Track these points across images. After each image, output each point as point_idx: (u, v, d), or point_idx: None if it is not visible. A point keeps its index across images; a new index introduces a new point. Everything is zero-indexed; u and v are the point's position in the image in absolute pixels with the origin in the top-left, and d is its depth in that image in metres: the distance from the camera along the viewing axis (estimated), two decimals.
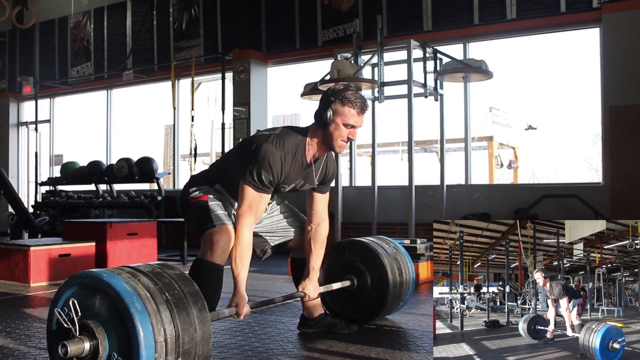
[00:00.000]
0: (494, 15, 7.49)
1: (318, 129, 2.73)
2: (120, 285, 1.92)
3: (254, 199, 2.65)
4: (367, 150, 11.10)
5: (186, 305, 2.00)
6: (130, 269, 2.08)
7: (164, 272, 2.11)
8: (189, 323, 1.98)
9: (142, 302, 1.90)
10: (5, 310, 3.86)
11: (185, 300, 2.02)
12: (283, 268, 5.90)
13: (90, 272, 2.02)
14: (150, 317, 1.89)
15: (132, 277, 2.00)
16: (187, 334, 1.96)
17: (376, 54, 6.81)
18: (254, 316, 3.57)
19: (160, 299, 1.96)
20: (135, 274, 2.03)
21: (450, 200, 7.35)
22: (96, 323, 1.93)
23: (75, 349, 1.90)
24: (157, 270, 2.11)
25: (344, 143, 2.72)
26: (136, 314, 1.86)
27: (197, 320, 2.01)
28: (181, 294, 2.03)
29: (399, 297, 3.36)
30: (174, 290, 2.03)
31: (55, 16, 11.91)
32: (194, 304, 2.03)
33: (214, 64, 9.54)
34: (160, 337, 1.89)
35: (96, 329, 1.92)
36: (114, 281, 1.93)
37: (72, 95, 12.19)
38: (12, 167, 12.32)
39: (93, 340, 1.92)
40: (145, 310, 1.89)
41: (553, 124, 13.06)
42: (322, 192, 2.96)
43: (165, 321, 1.92)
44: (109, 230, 5.73)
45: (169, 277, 2.08)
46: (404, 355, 2.70)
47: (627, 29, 6.62)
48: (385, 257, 3.29)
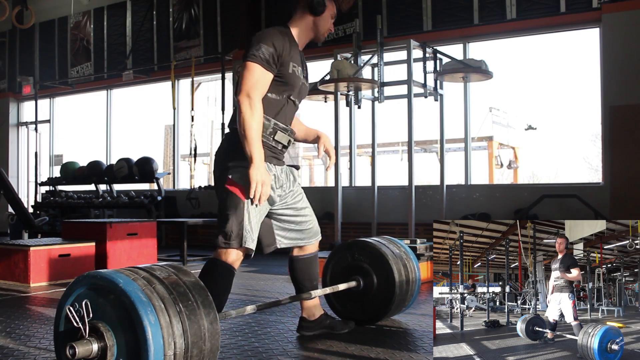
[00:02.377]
0: (494, 15, 7.50)
1: (305, 18, 2.84)
2: (136, 294, 1.89)
3: (260, 75, 2.59)
4: (367, 150, 11.10)
5: (198, 318, 1.99)
6: (147, 274, 2.03)
7: (179, 279, 2.07)
8: (199, 336, 1.97)
9: (156, 314, 1.88)
10: (5, 310, 3.86)
11: (198, 312, 2.00)
12: (283, 268, 5.90)
13: (105, 275, 1.98)
14: (162, 331, 1.87)
15: (148, 285, 1.96)
16: (196, 347, 1.95)
17: (376, 54, 6.81)
18: (253, 316, 3.57)
19: (174, 310, 1.93)
20: (152, 280, 1.99)
21: (450, 200, 7.34)
22: (106, 326, 1.92)
23: (84, 350, 1.88)
24: (173, 277, 2.07)
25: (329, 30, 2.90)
26: (149, 327, 1.84)
27: (208, 333, 2.00)
28: (194, 305, 2.00)
29: (405, 299, 3.35)
30: (188, 300, 2.00)
31: (55, 16, 11.91)
32: (206, 316, 2.01)
33: (214, 64, 9.55)
34: (169, 351, 1.87)
35: (106, 333, 1.91)
36: (130, 289, 1.90)
37: (72, 95, 12.19)
38: (12, 167, 12.32)
39: (101, 342, 1.90)
40: (158, 323, 1.87)
41: (553, 124, 13.09)
42: None
43: (176, 335, 1.90)
44: (109, 230, 5.72)
45: (184, 285, 2.05)
46: (404, 355, 2.70)
47: (627, 29, 6.62)
48: (392, 258, 3.27)
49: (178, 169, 10.58)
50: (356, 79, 6.45)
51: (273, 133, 2.72)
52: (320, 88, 6.70)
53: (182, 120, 10.37)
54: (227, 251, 2.61)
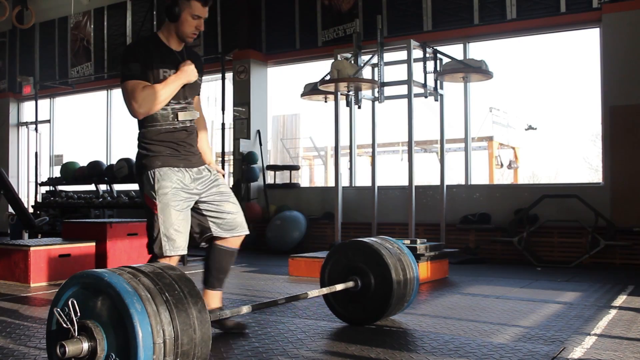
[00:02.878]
0: (494, 15, 7.50)
1: (170, 24, 2.96)
2: (122, 285, 1.92)
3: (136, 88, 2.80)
4: (367, 150, 11.10)
5: (186, 306, 2.00)
6: (132, 269, 2.08)
7: (164, 272, 2.10)
8: (189, 324, 1.98)
9: (143, 303, 1.90)
10: (5, 310, 3.86)
11: (185, 301, 2.02)
12: (283, 268, 5.90)
13: (91, 272, 2.02)
14: (150, 318, 1.88)
15: (133, 278, 2.00)
16: (186, 335, 1.96)
17: (376, 54, 6.80)
18: (253, 316, 3.57)
19: (160, 299, 1.96)
20: (136, 274, 2.03)
21: (450, 201, 7.34)
22: (95, 323, 1.93)
23: (74, 349, 1.90)
24: (158, 270, 2.10)
25: (194, 34, 2.97)
26: (136, 315, 1.86)
27: (197, 321, 2.01)
28: (181, 294, 2.03)
29: (404, 298, 3.35)
30: (174, 290, 2.03)
31: (55, 16, 11.91)
32: (193, 305, 2.03)
33: (214, 64, 9.52)
34: (159, 339, 1.89)
35: (95, 329, 1.92)
36: (115, 281, 1.93)
37: (72, 96, 12.19)
38: (12, 167, 12.32)
39: (91, 340, 1.92)
40: (145, 311, 1.88)
41: (553, 124, 13.07)
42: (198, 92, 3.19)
43: (164, 322, 1.92)
44: (109, 230, 5.73)
45: (169, 277, 2.08)
46: (404, 355, 2.70)
47: (627, 29, 6.62)
48: (389, 257, 3.28)
49: None
50: (356, 79, 6.45)
51: (175, 117, 2.94)
52: (320, 88, 6.70)
53: None
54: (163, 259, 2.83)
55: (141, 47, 2.92)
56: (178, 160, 2.92)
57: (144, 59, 2.84)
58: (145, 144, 2.92)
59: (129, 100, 2.81)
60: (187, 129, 3.01)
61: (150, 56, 2.87)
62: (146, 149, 2.91)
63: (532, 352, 2.73)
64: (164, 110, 2.90)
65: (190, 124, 3.04)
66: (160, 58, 2.90)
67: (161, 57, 2.91)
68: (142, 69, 2.82)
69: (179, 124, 2.96)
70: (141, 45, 2.94)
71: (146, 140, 2.92)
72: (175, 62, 2.94)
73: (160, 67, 2.88)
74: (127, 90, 2.82)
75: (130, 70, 2.81)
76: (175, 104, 2.95)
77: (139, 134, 2.97)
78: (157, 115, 2.90)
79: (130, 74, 2.81)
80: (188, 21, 2.92)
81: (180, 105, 2.98)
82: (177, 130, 2.96)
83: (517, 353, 2.72)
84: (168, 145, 2.91)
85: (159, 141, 2.90)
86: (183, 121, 2.97)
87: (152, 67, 2.85)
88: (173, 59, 2.95)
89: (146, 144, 2.91)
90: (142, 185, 2.91)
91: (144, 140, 2.93)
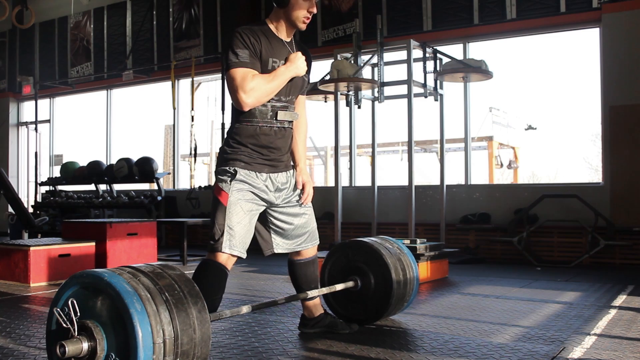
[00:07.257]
0: (494, 15, 7.49)
1: (280, 10, 2.77)
2: (121, 285, 1.92)
3: (245, 77, 2.60)
4: (367, 150, 11.10)
5: (186, 306, 2.00)
6: (131, 269, 2.07)
7: (164, 272, 2.10)
8: (188, 324, 1.98)
9: (142, 303, 1.90)
10: (5, 310, 3.86)
11: (185, 300, 2.02)
12: (283, 268, 5.89)
13: (91, 272, 2.02)
14: (150, 318, 1.88)
15: (133, 278, 2.00)
16: (186, 335, 1.96)
17: (376, 54, 6.81)
18: (254, 316, 3.57)
19: (160, 299, 1.96)
20: (136, 274, 2.03)
21: (450, 200, 7.35)
22: (95, 323, 1.93)
23: (73, 349, 1.90)
24: (158, 270, 2.10)
25: (307, 17, 2.77)
26: (135, 315, 1.86)
27: (197, 321, 2.01)
28: (181, 294, 2.03)
29: (403, 297, 3.35)
30: (174, 290, 2.03)
31: (55, 16, 11.91)
32: (193, 305, 2.03)
33: (214, 64, 9.55)
34: (158, 339, 1.88)
35: (95, 329, 1.92)
36: (115, 281, 1.93)
37: (72, 95, 12.19)
38: (12, 167, 12.32)
39: (91, 340, 1.92)
40: (144, 311, 1.88)
41: (553, 124, 13.08)
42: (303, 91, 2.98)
43: (164, 322, 1.92)
44: (109, 230, 5.73)
45: (169, 277, 2.08)
46: (404, 355, 2.70)
47: (627, 29, 6.62)
48: (389, 257, 3.28)
49: (178, 169, 10.58)
50: (356, 79, 6.45)
51: (274, 115, 2.76)
52: (320, 88, 6.71)
53: (182, 120, 10.38)
54: (216, 253, 2.69)
55: (250, 33, 2.69)
56: (262, 166, 2.75)
57: (254, 46, 2.65)
58: (234, 142, 2.74)
59: (236, 89, 2.60)
60: (284, 130, 2.80)
61: (259, 44, 2.68)
62: (233, 147, 2.73)
63: (532, 352, 2.73)
64: (263, 106, 2.71)
65: (289, 126, 2.84)
66: (270, 47, 2.71)
67: (271, 46, 2.72)
68: (250, 57, 2.63)
69: (276, 124, 2.76)
70: (251, 31, 2.69)
71: (237, 138, 2.73)
72: (285, 53, 2.76)
73: (270, 57, 2.70)
74: (234, 78, 2.60)
75: (238, 57, 2.61)
76: (276, 101, 2.75)
77: (230, 128, 2.79)
78: (255, 111, 2.71)
79: (238, 61, 2.61)
80: (299, 3, 2.71)
81: (282, 103, 2.78)
82: (273, 130, 2.76)
83: (517, 353, 2.72)
84: (257, 149, 2.73)
85: (249, 144, 2.72)
86: (282, 121, 2.77)
87: (260, 55, 2.67)
88: (283, 50, 2.77)
89: (235, 142, 2.73)
90: (219, 180, 2.73)
91: (234, 138, 2.74)
